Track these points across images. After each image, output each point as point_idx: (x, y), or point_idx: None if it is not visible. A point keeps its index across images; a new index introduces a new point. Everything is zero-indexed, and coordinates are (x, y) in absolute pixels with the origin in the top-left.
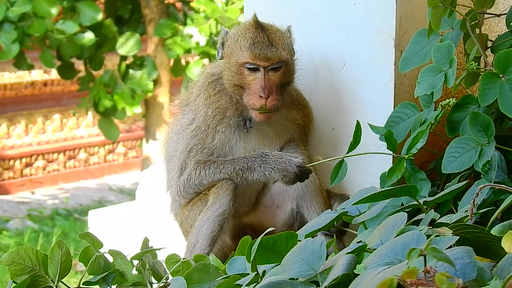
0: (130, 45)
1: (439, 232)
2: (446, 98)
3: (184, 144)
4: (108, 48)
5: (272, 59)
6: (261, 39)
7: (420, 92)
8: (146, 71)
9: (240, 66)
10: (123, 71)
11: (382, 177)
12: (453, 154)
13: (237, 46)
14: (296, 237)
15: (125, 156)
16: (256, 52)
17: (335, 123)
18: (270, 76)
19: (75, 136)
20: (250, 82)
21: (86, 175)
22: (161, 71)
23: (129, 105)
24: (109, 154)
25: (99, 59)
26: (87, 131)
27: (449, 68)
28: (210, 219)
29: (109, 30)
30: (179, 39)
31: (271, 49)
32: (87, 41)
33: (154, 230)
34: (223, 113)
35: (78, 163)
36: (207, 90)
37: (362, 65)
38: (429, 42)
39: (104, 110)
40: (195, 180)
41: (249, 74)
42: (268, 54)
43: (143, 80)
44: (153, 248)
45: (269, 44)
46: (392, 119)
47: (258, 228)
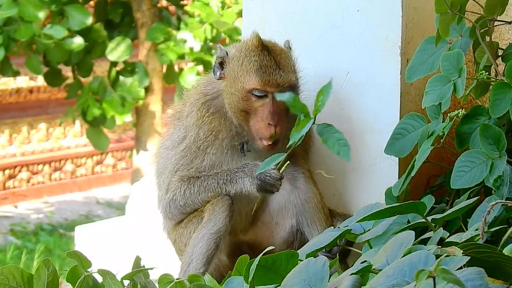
0: (120, 50)
1: (448, 252)
2: (455, 109)
3: (173, 164)
4: (97, 54)
5: (281, 84)
6: (268, 62)
7: (428, 102)
8: (137, 77)
9: (247, 92)
10: (113, 78)
11: (388, 193)
12: (463, 168)
13: (242, 70)
14: (297, 256)
15: (114, 168)
16: (265, 78)
17: None
18: (278, 102)
19: (61, 146)
20: (257, 108)
21: (73, 188)
22: (153, 77)
23: (119, 113)
24: (97, 165)
25: (88, 65)
26: (74, 141)
27: (458, 78)
28: (205, 237)
29: (99, 35)
30: (172, 44)
31: (279, 74)
32: (75, 47)
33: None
34: (215, 135)
35: (64, 175)
36: (199, 110)
37: (366, 74)
38: (437, 50)
39: (93, 119)
40: (180, 200)
41: (256, 100)
42: (277, 80)
43: (134, 87)
44: (145, 267)
45: (276, 68)
46: (398, 131)
47: (256, 246)
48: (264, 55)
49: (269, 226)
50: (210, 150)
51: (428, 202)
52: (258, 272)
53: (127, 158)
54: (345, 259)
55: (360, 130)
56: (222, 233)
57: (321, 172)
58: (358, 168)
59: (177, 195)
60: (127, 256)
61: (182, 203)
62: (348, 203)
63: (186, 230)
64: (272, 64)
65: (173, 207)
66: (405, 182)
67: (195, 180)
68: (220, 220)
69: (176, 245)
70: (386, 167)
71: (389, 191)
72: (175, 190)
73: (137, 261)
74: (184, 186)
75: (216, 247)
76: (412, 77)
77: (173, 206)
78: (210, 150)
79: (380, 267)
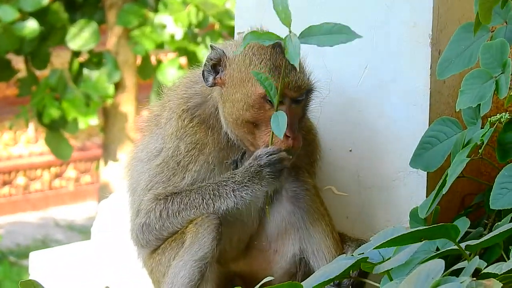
0: (84, 37)
1: (485, 285)
2: (496, 113)
3: (146, 180)
4: (56, 41)
5: (301, 88)
6: (283, 62)
7: (464, 104)
8: (105, 71)
9: (260, 98)
10: (75, 71)
11: (413, 214)
12: (505, 185)
13: (245, 73)
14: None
15: (77, 182)
16: (285, 80)
17: (353, 143)
18: (293, 109)
19: (11, 156)
20: (270, 118)
21: (26, 206)
22: (125, 71)
23: (83, 115)
24: (55, 179)
25: (44, 55)
26: (28, 148)
27: (502, 74)
28: (187, 265)
29: (58, 18)
30: (149, 30)
31: (298, 75)
32: (28, 32)
33: (115, 279)
34: (200, 150)
35: (15, 191)
36: (180, 118)
37: (388, 69)
38: (476, 40)
39: (50, 122)
40: (154, 224)
41: (271, 108)
42: (298, 82)
43: (101, 83)
44: None
45: (292, 69)
46: (427, 140)
47: (250, 278)
48: (277, 52)
49: (266, 255)
50: (192, 166)
51: (462, 226)
52: None
53: (92, 170)
54: None
55: (380, 137)
56: (208, 260)
57: (332, 188)
58: (378, 184)
59: (151, 218)
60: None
61: (158, 227)
62: (364, 226)
63: (165, 257)
64: (287, 64)
65: (147, 232)
66: (435, 201)
67: (174, 196)
68: (206, 244)
69: (153, 276)
70: (411, 182)
71: (414, 211)
72: (149, 212)
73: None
74: (160, 206)
75: (201, 277)
76: (444, 73)
77: (146, 232)
78: (192, 167)
79: None
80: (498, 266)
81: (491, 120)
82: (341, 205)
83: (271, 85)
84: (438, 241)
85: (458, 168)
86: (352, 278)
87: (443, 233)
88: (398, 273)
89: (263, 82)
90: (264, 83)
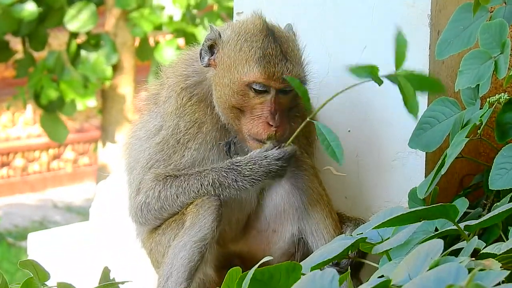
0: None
1: (484, 265)
2: (495, 93)
3: (146, 158)
4: (54, 23)
5: (287, 80)
6: (273, 51)
7: (463, 84)
8: (103, 53)
9: (245, 85)
10: (73, 53)
11: (412, 195)
12: (504, 165)
13: (240, 57)
14: (299, 269)
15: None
16: (269, 70)
17: (352, 124)
18: (280, 99)
19: (9, 137)
20: (255, 106)
21: (24, 188)
22: (123, 53)
23: (80, 96)
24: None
25: (42, 37)
26: (25, 130)
27: (501, 54)
28: (187, 246)
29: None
30: (147, 12)
31: (286, 66)
32: (27, 14)
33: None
34: (199, 127)
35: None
36: (179, 96)
37: (387, 49)
38: (475, 20)
39: (48, 103)
40: (154, 204)
41: (255, 96)
42: (284, 73)
43: (99, 64)
44: (115, 281)
45: (283, 58)
46: (426, 120)
47: (249, 259)
48: (269, 41)
49: (265, 235)
50: (191, 144)
51: (461, 206)
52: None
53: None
54: (357, 274)
55: (378, 118)
56: (208, 241)
57: (331, 168)
58: (376, 165)
59: (151, 197)
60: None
61: (157, 207)
62: (363, 207)
63: (164, 237)
64: (278, 53)
65: (146, 211)
66: (433, 181)
67: (173, 179)
68: (206, 225)
69: (152, 256)
70: (410, 163)
71: (413, 192)
72: (148, 192)
73: (106, 273)
74: (159, 187)
75: (200, 258)
76: (443, 53)
77: (145, 210)
78: (191, 145)
79: (400, 283)
80: (497, 246)
81: (490, 101)
82: (339, 186)
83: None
84: (437, 221)
85: (457, 148)
86: (351, 258)
87: (442, 213)
88: (397, 253)
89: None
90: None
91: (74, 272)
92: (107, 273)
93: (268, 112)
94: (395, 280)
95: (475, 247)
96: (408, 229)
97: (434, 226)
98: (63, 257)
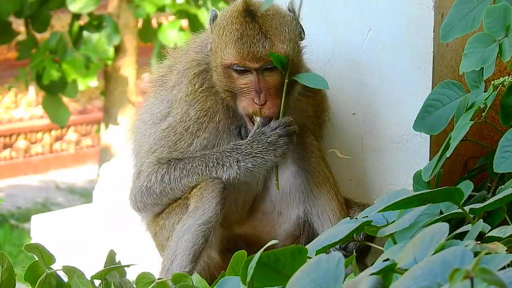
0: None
1: (489, 248)
2: (500, 76)
3: (150, 144)
4: (56, 4)
5: (264, 58)
6: (251, 31)
7: (467, 67)
8: (105, 34)
9: (226, 68)
10: (75, 34)
11: (416, 178)
12: (508, 148)
13: (221, 41)
14: (305, 252)
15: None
16: (243, 51)
17: (356, 107)
18: (266, 78)
19: (12, 119)
20: (241, 87)
21: (27, 169)
22: (126, 34)
23: (82, 76)
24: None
25: (45, 18)
26: (28, 112)
27: (505, 37)
28: (191, 229)
29: None
30: None
31: (263, 45)
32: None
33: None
34: (211, 117)
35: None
36: (191, 83)
37: (391, 32)
38: (479, 3)
39: (50, 84)
40: (155, 188)
41: (239, 77)
42: (259, 53)
43: (101, 45)
44: (120, 264)
45: (260, 38)
46: (430, 103)
47: (254, 241)
48: (247, 22)
49: (270, 217)
50: (202, 133)
51: (466, 189)
52: (258, 271)
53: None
54: (363, 258)
55: (383, 101)
56: (213, 224)
57: (335, 151)
58: (381, 148)
59: (153, 181)
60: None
61: (158, 191)
62: (367, 190)
63: (168, 221)
64: (256, 33)
65: (146, 195)
66: (438, 164)
67: (177, 162)
68: (210, 208)
69: (157, 239)
70: (414, 146)
71: (418, 175)
72: (150, 175)
73: (111, 256)
74: (162, 170)
75: (205, 241)
76: (448, 36)
77: (146, 195)
78: (202, 134)
79: (406, 266)
80: (502, 229)
81: (494, 84)
82: (344, 168)
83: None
84: (442, 205)
85: (461, 131)
86: (357, 241)
87: (447, 196)
88: (402, 237)
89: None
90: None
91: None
92: (113, 256)
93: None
94: (401, 263)
95: (480, 231)
96: (413, 212)
97: (439, 209)
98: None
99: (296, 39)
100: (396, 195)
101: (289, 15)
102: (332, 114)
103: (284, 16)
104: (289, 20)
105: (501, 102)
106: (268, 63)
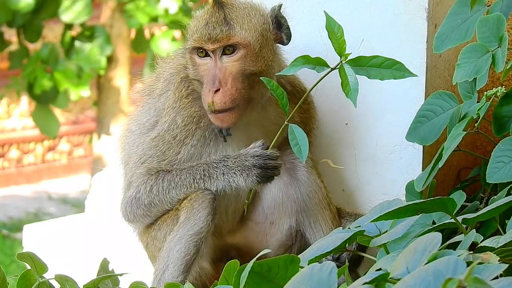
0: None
1: (482, 258)
2: (492, 87)
3: (139, 154)
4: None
5: (220, 39)
6: (215, 18)
7: (460, 78)
8: (98, 44)
9: (190, 53)
10: (67, 44)
11: (409, 188)
12: (501, 159)
13: (190, 28)
14: (297, 262)
15: (70, 156)
16: (203, 32)
17: (349, 116)
18: (224, 64)
19: (4, 129)
20: (203, 73)
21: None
22: (118, 45)
23: (74, 86)
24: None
25: (37, 28)
26: (21, 121)
27: (498, 48)
28: (183, 239)
29: None
30: (143, 3)
31: (222, 28)
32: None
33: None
34: (196, 123)
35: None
36: (177, 89)
37: (385, 43)
38: (472, 14)
39: (41, 94)
40: (144, 199)
41: (200, 62)
42: (217, 34)
43: (93, 55)
44: (113, 273)
45: (222, 23)
46: (423, 113)
47: (246, 250)
48: (214, 10)
49: (262, 227)
50: (189, 141)
51: (459, 199)
52: (251, 281)
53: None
54: (355, 268)
55: (376, 111)
56: (204, 234)
57: (328, 161)
58: (374, 158)
59: (142, 191)
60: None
61: (147, 202)
62: (360, 200)
63: (160, 232)
64: (220, 20)
65: (135, 206)
66: (431, 174)
67: (165, 174)
68: (201, 219)
69: (149, 250)
70: (407, 156)
71: (410, 185)
72: (139, 186)
73: (104, 264)
74: (151, 181)
75: (196, 252)
76: (441, 46)
77: (135, 206)
78: (189, 141)
79: (399, 276)
80: (494, 239)
81: (487, 94)
82: (337, 178)
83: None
84: (435, 215)
85: (454, 141)
86: (350, 251)
87: (440, 206)
88: (395, 247)
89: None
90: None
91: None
92: (106, 265)
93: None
94: (394, 273)
95: (472, 241)
96: (406, 222)
97: (432, 219)
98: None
99: (267, 34)
100: (388, 205)
101: (263, 11)
102: (326, 124)
103: (256, 10)
104: (260, 15)
105: (494, 112)
106: (226, 46)
